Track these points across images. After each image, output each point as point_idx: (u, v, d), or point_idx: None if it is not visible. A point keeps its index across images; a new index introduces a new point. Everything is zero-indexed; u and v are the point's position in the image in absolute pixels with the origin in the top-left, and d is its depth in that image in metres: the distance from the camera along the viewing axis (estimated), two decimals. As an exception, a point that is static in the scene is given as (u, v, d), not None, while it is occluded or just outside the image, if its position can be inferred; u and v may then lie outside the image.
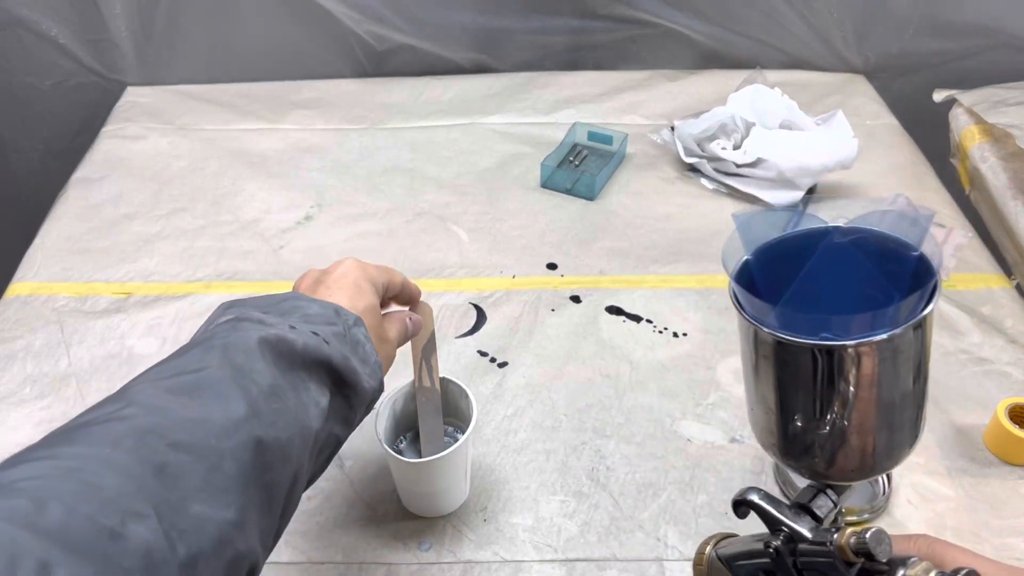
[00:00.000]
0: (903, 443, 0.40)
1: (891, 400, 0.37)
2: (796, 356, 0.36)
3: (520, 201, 1.07)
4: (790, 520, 0.39)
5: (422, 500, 0.69)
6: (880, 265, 0.38)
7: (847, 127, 1.07)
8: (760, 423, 0.41)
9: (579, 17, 1.29)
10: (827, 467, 0.40)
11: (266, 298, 0.51)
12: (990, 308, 0.90)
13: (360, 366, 0.50)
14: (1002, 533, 0.69)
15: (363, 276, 0.57)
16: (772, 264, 0.39)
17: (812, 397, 0.37)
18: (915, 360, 0.37)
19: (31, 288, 0.94)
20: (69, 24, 1.25)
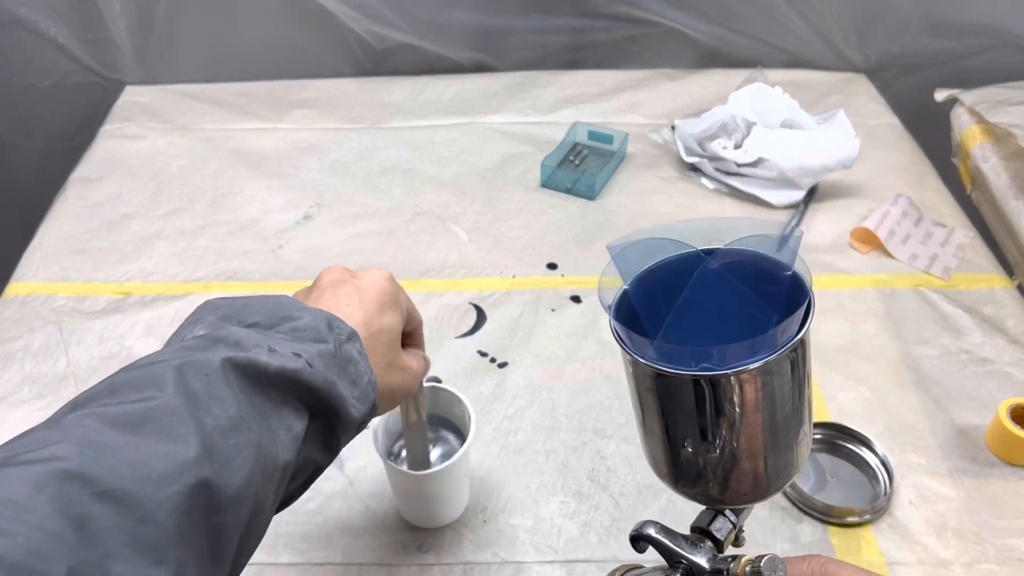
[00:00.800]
0: (794, 461, 0.40)
1: (777, 421, 0.37)
2: (678, 387, 0.36)
3: (520, 201, 1.07)
4: (687, 552, 0.40)
5: (422, 511, 0.69)
6: (756, 286, 0.37)
7: (848, 127, 1.07)
8: (652, 453, 0.42)
9: (579, 16, 1.29)
10: (721, 492, 0.41)
11: (256, 301, 0.46)
12: (991, 308, 0.90)
13: (348, 389, 0.45)
14: (1003, 534, 0.69)
15: (390, 292, 0.51)
16: (651, 292, 0.39)
17: (698, 426, 0.37)
18: (797, 379, 0.37)
19: (30, 288, 0.94)
20: (68, 23, 1.25)
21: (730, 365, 0.35)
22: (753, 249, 0.38)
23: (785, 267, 0.38)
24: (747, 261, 0.38)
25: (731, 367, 0.35)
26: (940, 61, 1.27)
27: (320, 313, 0.46)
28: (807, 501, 0.70)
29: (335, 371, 0.44)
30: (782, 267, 0.37)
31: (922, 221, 1.01)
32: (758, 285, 0.37)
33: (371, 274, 0.52)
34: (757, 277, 0.37)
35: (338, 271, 0.52)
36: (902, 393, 0.81)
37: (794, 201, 1.04)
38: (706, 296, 0.37)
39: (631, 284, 0.39)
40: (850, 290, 0.93)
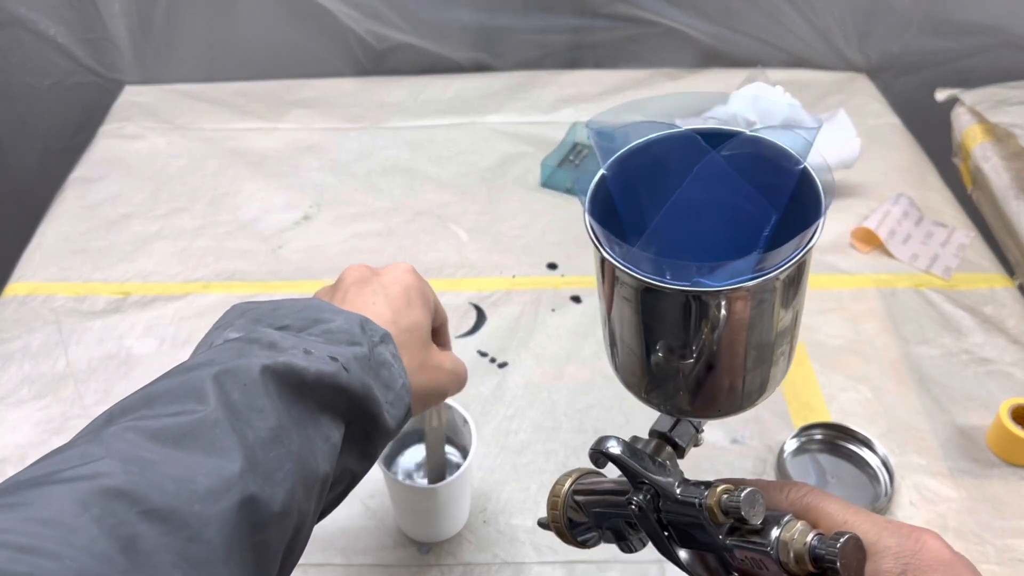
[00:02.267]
0: (774, 377, 0.37)
1: (766, 340, 0.34)
2: (663, 300, 0.32)
3: (520, 201, 1.07)
4: (654, 474, 0.37)
5: (422, 524, 0.68)
6: (755, 176, 0.33)
7: (850, 126, 1.06)
8: (622, 362, 0.38)
9: (579, 15, 1.29)
10: (692, 406, 0.37)
11: (286, 304, 0.45)
12: (992, 308, 0.90)
13: (382, 393, 0.43)
14: (1004, 534, 0.69)
15: (416, 287, 0.50)
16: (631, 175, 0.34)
17: (679, 340, 0.33)
18: (793, 296, 0.34)
19: (29, 288, 0.94)
20: (67, 23, 1.25)
21: (723, 282, 0.30)
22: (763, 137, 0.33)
23: (795, 160, 0.33)
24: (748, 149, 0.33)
25: (724, 284, 0.30)
26: (941, 61, 1.27)
27: (352, 315, 0.44)
28: (808, 502, 0.70)
29: (370, 375, 0.42)
30: (791, 160, 0.33)
31: (923, 221, 1.01)
32: (758, 175, 0.33)
33: (394, 270, 0.50)
34: (757, 165, 0.33)
35: (360, 269, 0.51)
36: (903, 393, 0.81)
37: (794, 201, 1.04)
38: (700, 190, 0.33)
39: (609, 167, 0.35)
40: (851, 290, 0.93)
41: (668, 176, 0.34)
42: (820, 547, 0.32)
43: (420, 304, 0.49)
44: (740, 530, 0.34)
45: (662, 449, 0.39)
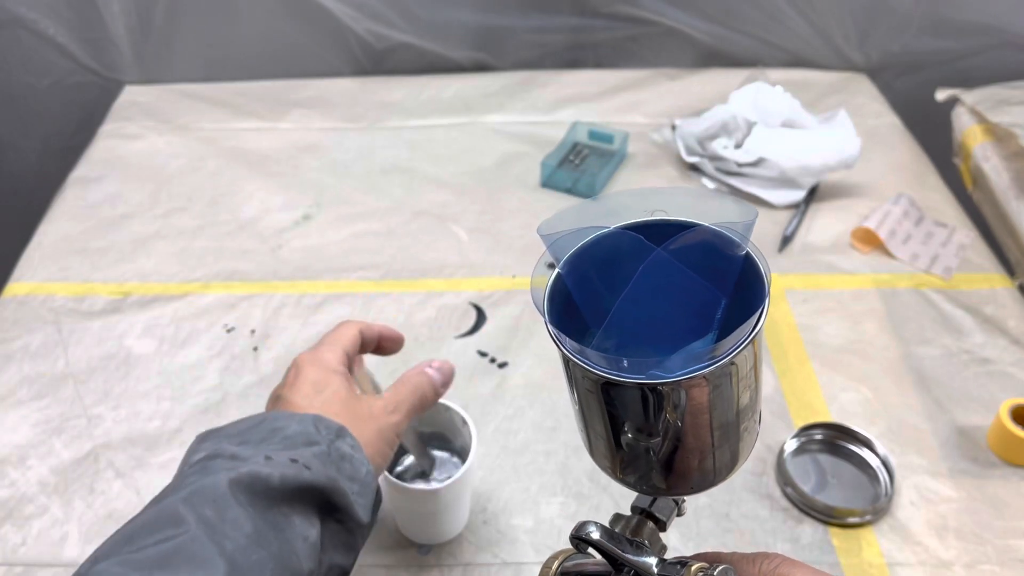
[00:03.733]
0: (741, 452, 0.38)
1: (727, 419, 0.36)
2: (624, 392, 0.34)
3: (520, 201, 1.07)
4: (632, 556, 0.38)
5: (422, 527, 0.67)
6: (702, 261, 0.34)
7: (850, 126, 1.06)
8: (593, 447, 0.40)
9: (579, 15, 1.29)
10: (665, 484, 0.39)
11: (243, 423, 0.48)
12: (993, 308, 0.90)
13: (348, 484, 0.46)
14: (1004, 534, 0.68)
15: (317, 366, 0.53)
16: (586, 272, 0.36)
17: (644, 427, 0.35)
18: (750, 375, 0.35)
19: (28, 288, 0.94)
20: (67, 23, 1.25)
21: (679, 372, 0.32)
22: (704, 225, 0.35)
23: (738, 246, 0.35)
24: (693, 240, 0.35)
25: (680, 375, 0.32)
26: (941, 61, 1.27)
27: (306, 416, 0.48)
28: (808, 502, 0.70)
29: (332, 469, 0.45)
30: (734, 246, 0.35)
31: (923, 221, 1.01)
32: (705, 262, 0.34)
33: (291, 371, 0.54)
34: (704, 254, 0.35)
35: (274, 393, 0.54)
36: (903, 393, 0.81)
37: (795, 201, 1.04)
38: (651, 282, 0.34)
39: (563, 266, 0.36)
40: (851, 290, 0.93)
41: (620, 268, 0.35)
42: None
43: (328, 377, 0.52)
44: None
45: (644, 525, 0.41)
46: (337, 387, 0.52)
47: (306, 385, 0.51)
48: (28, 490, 0.72)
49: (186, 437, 0.77)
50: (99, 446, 0.76)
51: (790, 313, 0.89)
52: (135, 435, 0.77)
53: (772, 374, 0.82)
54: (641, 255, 0.35)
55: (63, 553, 0.68)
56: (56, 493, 0.72)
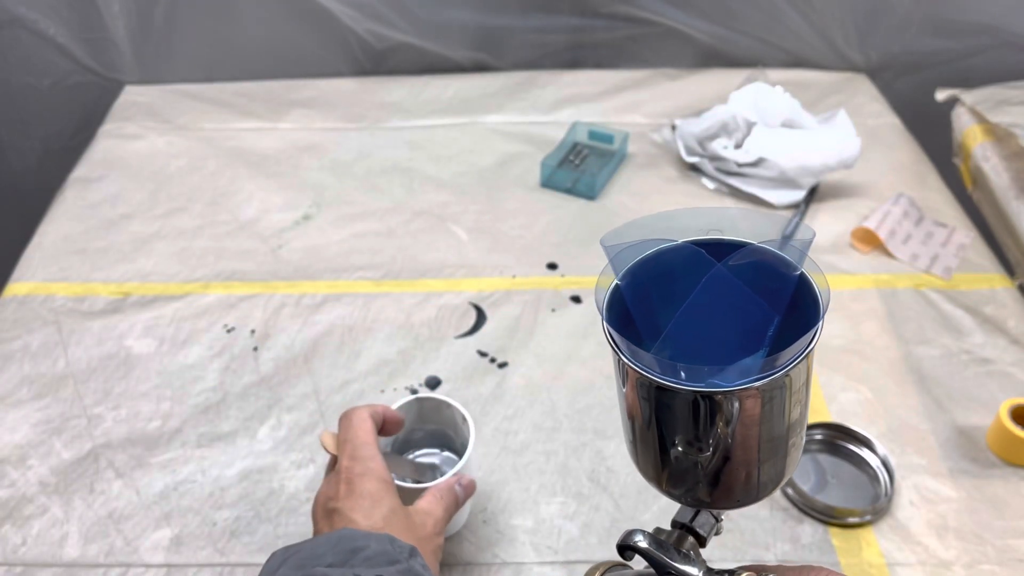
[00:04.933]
0: (787, 468, 0.39)
1: (776, 433, 0.36)
2: (677, 400, 0.35)
3: (520, 201, 1.07)
4: (679, 564, 0.39)
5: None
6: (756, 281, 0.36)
7: (849, 126, 1.06)
8: (641, 457, 0.40)
9: (579, 15, 1.29)
10: (710, 498, 0.39)
11: (320, 543, 0.49)
12: (993, 308, 0.90)
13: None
14: (1004, 534, 0.68)
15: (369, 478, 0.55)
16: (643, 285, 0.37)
17: (695, 437, 0.36)
18: (802, 390, 0.36)
19: (28, 288, 0.94)
20: (67, 23, 1.25)
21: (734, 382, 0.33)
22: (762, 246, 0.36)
23: (793, 266, 0.36)
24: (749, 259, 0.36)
25: (735, 384, 0.33)
26: (941, 61, 1.27)
27: (382, 536, 0.49)
28: (808, 502, 0.70)
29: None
30: (790, 266, 0.36)
31: (923, 221, 1.01)
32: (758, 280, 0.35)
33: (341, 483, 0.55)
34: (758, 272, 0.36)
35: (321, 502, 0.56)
36: (903, 393, 0.81)
37: (795, 201, 1.04)
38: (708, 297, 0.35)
39: (623, 278, 0.37)
40: (851, 290, 0.93)
41: (676, 283, 0.36)
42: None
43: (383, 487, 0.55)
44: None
45: (684, 540, 0.41)
46: (392, 503, 0.54)
47: (364, 500, 0.53)
48: (28, 490, 0.72)
49: (186, 437, 0.77)
50: (99, 446, 0.76)
51: (790, 313, 0.89)
52: (135, 435, 0.77)
53: (772, 374, 0.82)
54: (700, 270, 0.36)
55: (63, 553, 0.68)
56: (56, 493, 0.72)
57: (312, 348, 0.86)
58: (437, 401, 0.66)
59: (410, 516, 0.55)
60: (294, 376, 0.82)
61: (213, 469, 0.74)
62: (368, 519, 0.52)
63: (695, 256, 0.36)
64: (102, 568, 0.67)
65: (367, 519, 0.52)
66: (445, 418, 0.67)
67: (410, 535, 0.53)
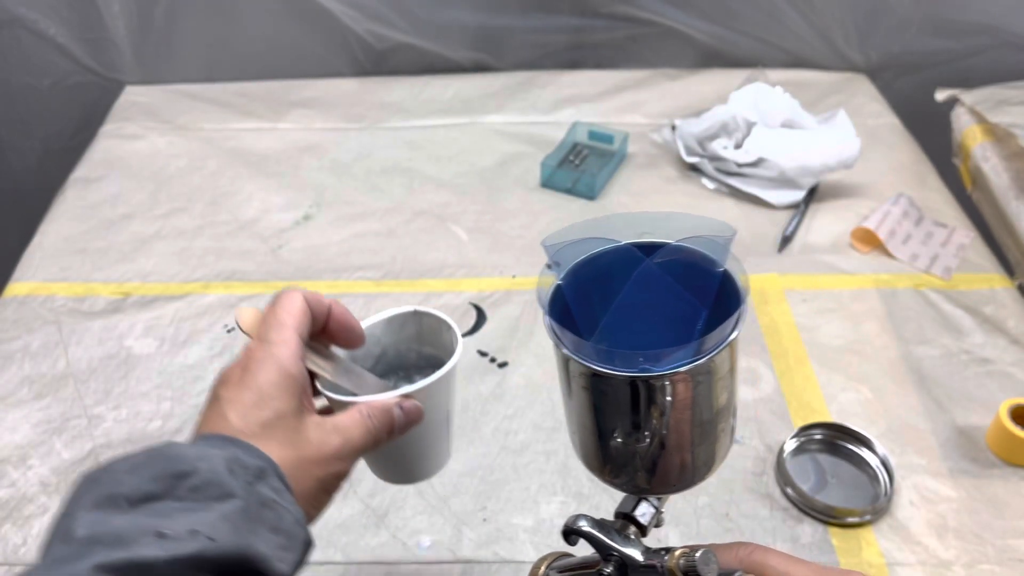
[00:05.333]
0: (718, 452, 0.41)
1: (707, 417, 0.39)
2: (613, 386, 0.37)
3: (520, 201, 1.07)
4: (620, 545, 0.41)
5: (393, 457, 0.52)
6: (686, 280, 0.39)
7: (849, 126, 1.07)
8: (582, 445, 0.43)
9: (579, 16, 1.29)
10: (648, 482, 0.41)
11: (142, 460, 0.38)
12: (992, 308, 0.90)
13: (268, 542, 0.37)
14: (1004, 534, 0.68)
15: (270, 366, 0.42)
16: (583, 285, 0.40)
17: (630, 421, 0.38)
18: (727, 376, 0.38)
19: (29, 288, 0.94)
20: (67, 23, 1.25)
21: (664, 367, 0.35)
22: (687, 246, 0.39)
23: (717, 264, 0.38)
24: (679, 259, 0.39)
25: (665, 368, 0.35)
26: (941, 61, 1.27)
27: (216, 456, 0.38)
28: (807, 501, 0.70)
29: (247, 529, 0.36)
30: (714, 263, 0.38)
31: (923, 221, 1.01)
32: (688, 279, 0.38)
33: (240, 365, 0.43)
34: (687, 270, 0.39)
35: (219, 377, 0.44)
36: (903, 393, 0.81)
37: (795, 201, 1.04)
38: (640, 292, 0.38)
39: (564, 278, 0.40)
40: (851, 290, 0.93)
41: (613, 282, 0.40)
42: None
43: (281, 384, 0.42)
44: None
45: (627, 528, 0.44)
46: (283, 406, 0.42)
47: (248, 394, 0.41)
48: (29, 490, 0.72)
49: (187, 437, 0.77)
50: (100, 446, 0.76)
51: (790, 313, 0.89)
52: (136, 435, 0.77)
53: (772, 374, 0.82)
54: (633, 268, 0.39)
55: (63, 553, 0.68)
56: (57, 493, 0.72)
57: (312, 348, 0.86)
58: (438, 320, 0.52)
59: (304, 428, 0.42)
60: (294, 376, 0.82)
61: (213, 469, 0.74)
62: (243, 420, 0.41)
63: (628, 255, 0.39)
64: (102, 568, 0.67)
65: (242, 420, 0.41)
66: (444, 342, 0.52)
67: (294, 451, 0.41)
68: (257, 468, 0.38)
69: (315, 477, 0.42)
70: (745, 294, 0.37)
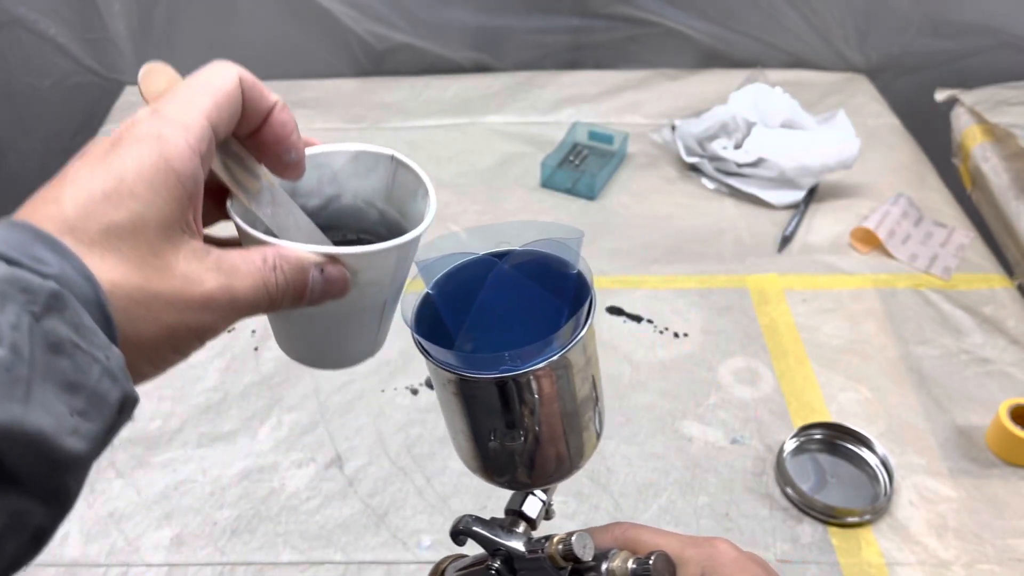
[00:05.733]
0: (589, 440, 0.44)
1: (572, 408, 0.41)
2: (480, 389, 0.39)
3: (520, 201, 1.07)
4: (504, 540, 0.43)
5: (302, 330, 0.40)
6: (547, 284, 0.41)
7: (849, 126, 1.07)
8: (461, 449, 0.45)
9: (579, 16, 1.29)
10: (529, 477, 0.44)
11: None
12: (992, 308, 0.90)
13: (50, 406, 0.24)
14: (1004, 534, 0.69)
15: (148, 145, 0.30)
16: (452, 295, 0.42)
17: (503, 420, 0.40)
18: (587, 367, 0.41)
19: (29, 288, 0.94)
20: (68, 23, 1.25)
21: (525, 365, 0.37)
22: (539, 250, 0.41)
23: (570, 266, 0.41)
24: (538, 262, 0.41)
25: (526, 367, 0.37)
26: (940, 61, 1.27)
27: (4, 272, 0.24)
28: (807, 501, 0.70)
29: (21, 392, 0.23)
30: (568, 266, 0.41)
31: (922, 221, 1.01)
32: (548, 282, 0.41)
33: (135, 118, 0.31)
34: (547, 276, 0.41)
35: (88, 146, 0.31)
36: (902, 393, 0.81)
37: (794, 201, 1.04)
38: (503, 296, 0.40)
39: (432, 287, 0.42)
40: (850, 290, 0.93)
41: (479, 291, 0.42)
42: (638, 568, 0.39)
43: (141, 166, 0.29)
44: (580, 572, 0.40)
45: (517, 524, 0.46)
46: (150, 215, 0.28)
47: (105, 179, 0.29)
48: (29, 489, 0.72)
49: (187, 437, 0.77)
50: (100, 446, 0.76)
51: (789, 313, 0.90)
52: (136, 435, 0.77)
53: (772, 374, 0.83)
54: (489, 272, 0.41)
55: (63, 553, 0.68)
56: (57, 492, 0.72)
57: (312, 348, 0.86)
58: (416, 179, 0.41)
59: (170, 251, 0.29)
60: (294, 376, 0.83)
61: (214, 469, 0.74)
62: (80, 212, 0.28)
63: (488, 264, 0.42)
64: (103, 568, 0.67)
65: (79, 211, 0.28)
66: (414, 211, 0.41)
67: (141, 278, 0.28)
68: (51, 293, 0.25)
69: (164, 323, 0.29)
70: (594, 295, 0.40)
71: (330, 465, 0.74)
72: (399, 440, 0.76)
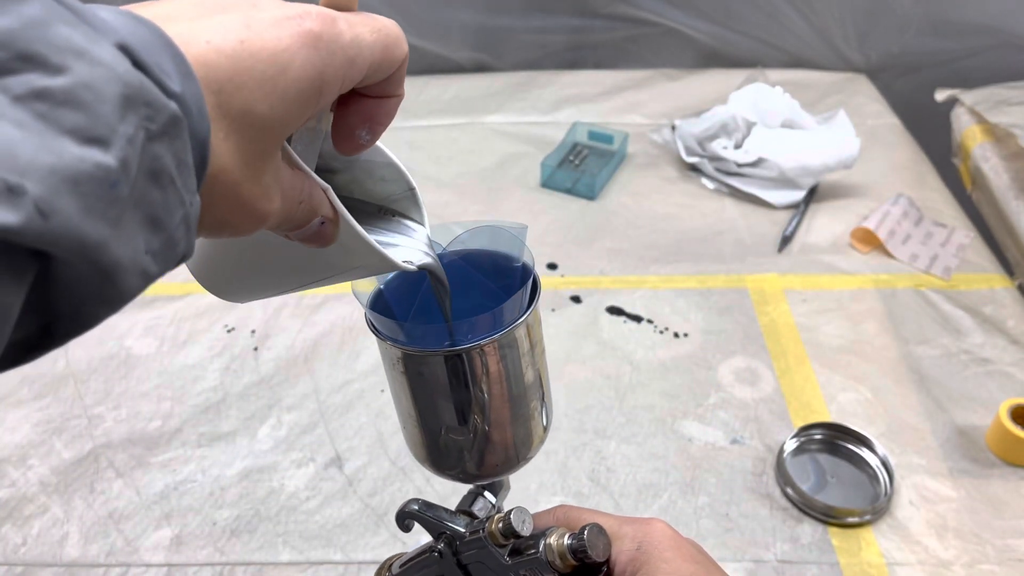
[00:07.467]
0: (536, 430, 0.45)
1: (519, 391, 0.42)
2: (427, 365, 0.39)
3: (520, 201, 1.07)
4: (448, 522, 0.44)
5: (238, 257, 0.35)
6: (493, 278, 0.42)
7: (849, 126, 1.07)
8: (411, 438, 0.45)
9: (579, 16, 1.29)
10: (477, 468, 0.44)
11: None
12: (992, 308, 0.90)
13: (135, 240, 0.22)
14: (1004, 534, 0.68)
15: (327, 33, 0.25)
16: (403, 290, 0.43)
17: (449, 402, 0.41)
18: (531, 353, 0.42)
19: (29, 288, 0.94)
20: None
21: (471, 339, 0.38)
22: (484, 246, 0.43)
23: (515, 259, 0.42)
24: (485, 255, 0.43)
25: (471, 341, 0.38)
26: (940, 61, 1.27)
27: (116, 59, 0.20)
28: (807, 501, 0.70)
29: (113, 214, 0.20)
30: (513, 260, 0.42)
31: (922, 221, 1.01)
32: (495, 277, 0.42)
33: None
34: (494, 270, 0.42)
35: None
36: (903, 393, 0.81)
37: (794, 201, 1.04)
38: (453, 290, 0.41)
39: (385, 283, 0.43)
40: (851, 290, 0.93)
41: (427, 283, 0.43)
42: (574, 542, 0.39)
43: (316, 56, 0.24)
44: (520, 551, 0.41)
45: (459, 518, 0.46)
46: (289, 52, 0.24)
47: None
48: (29, 490, 0.72)
49: (187, 437, 0.77)
50: (99, 446, 0.76)
51: (790, 313, 0.90)
52: (135, 435, 0.77)
53: (772, 374, 0.83)
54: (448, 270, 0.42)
55: (64, 553, 0.68)
56: (57, 493, 0.72)
57: (312, 348, 0.86)
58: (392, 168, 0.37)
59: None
60: (294, 376, 0.83)
61: (213, 469, 0.74)
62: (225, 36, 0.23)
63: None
64: (102, 568, 0.67)
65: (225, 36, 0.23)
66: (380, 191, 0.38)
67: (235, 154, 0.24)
68: (172, 116, 0.21)
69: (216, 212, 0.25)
70: (534, 270, 0.41)
71: (330, 465, 0.74)
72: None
